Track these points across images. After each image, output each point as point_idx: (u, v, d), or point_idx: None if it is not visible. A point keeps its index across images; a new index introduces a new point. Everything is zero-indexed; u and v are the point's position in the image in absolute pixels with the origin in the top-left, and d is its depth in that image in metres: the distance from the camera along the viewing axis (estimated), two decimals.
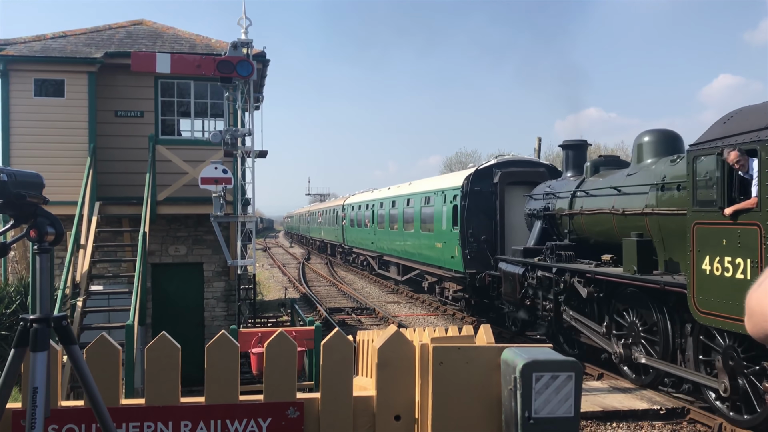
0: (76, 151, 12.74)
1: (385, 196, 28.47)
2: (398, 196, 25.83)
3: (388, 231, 26.90)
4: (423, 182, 24.15)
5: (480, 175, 17.42)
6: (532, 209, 14.95)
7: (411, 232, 23.16)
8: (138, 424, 2.75)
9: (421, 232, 21.57)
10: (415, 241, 22.61)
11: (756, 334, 1.45)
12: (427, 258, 21.00)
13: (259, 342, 8.30)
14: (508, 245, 16.31)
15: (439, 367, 2.76)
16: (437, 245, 19.64)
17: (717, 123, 8.81)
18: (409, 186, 25.21)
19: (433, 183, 21.87)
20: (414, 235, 22.78)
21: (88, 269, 10.97)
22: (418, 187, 23.37)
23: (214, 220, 12.44)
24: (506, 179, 16.93)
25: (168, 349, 2.81)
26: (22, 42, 13.46)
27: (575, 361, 2.63)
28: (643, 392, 10.93)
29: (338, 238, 40.62)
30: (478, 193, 17.12)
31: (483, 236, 16.97)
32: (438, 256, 19.69)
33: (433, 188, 21.00)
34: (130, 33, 15.01)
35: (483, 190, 17.09)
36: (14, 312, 11.02)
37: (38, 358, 2.30)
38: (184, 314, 13.88)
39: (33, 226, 2.33)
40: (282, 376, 2.86)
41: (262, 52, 13.80)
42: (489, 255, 16.84)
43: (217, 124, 14.22)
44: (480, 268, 16.85)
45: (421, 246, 21.67)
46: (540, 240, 14.13)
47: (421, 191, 22.23)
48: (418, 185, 23.78)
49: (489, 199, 16.99)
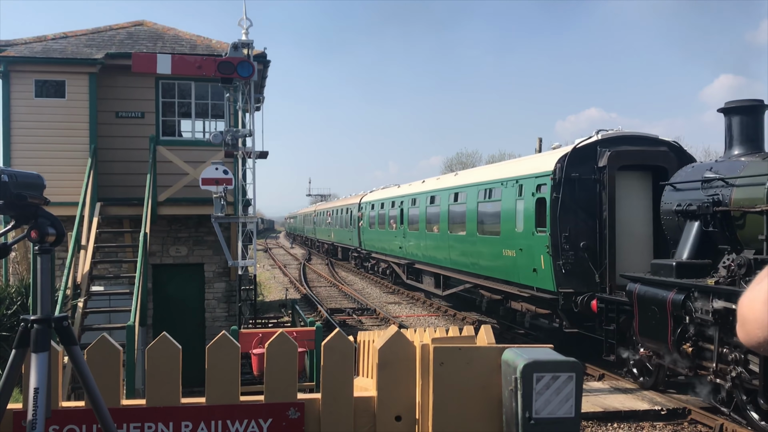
0: (77, 152, 12.74)
1: (420, 190, 23.22)
2: (440, 190, 20.69)
3: (423, 234, 21.87)
4: (479, 171, 19.56)
5: (578, 157, 12.82)
6: (683, 204, 10.64)
7: (461, 236, 18.24)
8: (139, 424, 2.75)
9: (479, 235, 16.76)
10: (467, 248, 17.82)
11: (749, 343, 1.37)
12: (487, 270, 16.33)
13: (260, 343, 8.31)
14: (622, 255, 12.46)
15: (439, 367, 2.76)
16: (507, 253, 14.97)
17: None
18: (456, 177, 20.51)
19: (500, 170, 16.90)
20: (465, 240, 17.85)
21: (89, 270, 10.97)
22: (471, 177, 18.49)
23: (215, 220, 12.45)
24: (618, 161, 12.46)
25: (169, 350, 2.81)
26: (22, 43, 13.47)
27: (576, 362, 2.63)
28: (644, 393, 10.92)
29: (352, 241, 35.95)
30: (576, 181, 12.69)
31: (583, 242, 12.53)
32: (508, 268, 15.03)
33: (499, 177, 16.13)
34: (131, 34, 15.03)
35: (582, 177, 12.69)
36: (15, 313, 11.03)
37: (39, 359, 2.31)
38: (185, 315, 13.88)
39: (34, 226, 2.33)
40: (283, 377, 2.86)
41: (263, 53, 13.81)
42: (592, 268, 12.49)
43: (217, 125, 14.23)
44: (579, 286, 12.51)
45: (477, 254, 16.99)
46: (698, 250, 10.29)
47: (478, 182, 17.36)
48: (472, 175, 19.06)
49: (590, 190, 12.70)
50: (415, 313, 21.19)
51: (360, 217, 33.30)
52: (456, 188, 19.12)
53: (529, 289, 13.92)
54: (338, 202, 46.30)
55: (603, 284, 12.32)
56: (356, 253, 36.26)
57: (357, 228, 34.06)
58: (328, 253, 48.11)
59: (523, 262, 14.10)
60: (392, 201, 26.72)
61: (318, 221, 53.68)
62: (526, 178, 14.23)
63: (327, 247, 49.18)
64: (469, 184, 18.05)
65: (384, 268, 29.69)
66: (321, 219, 51.44)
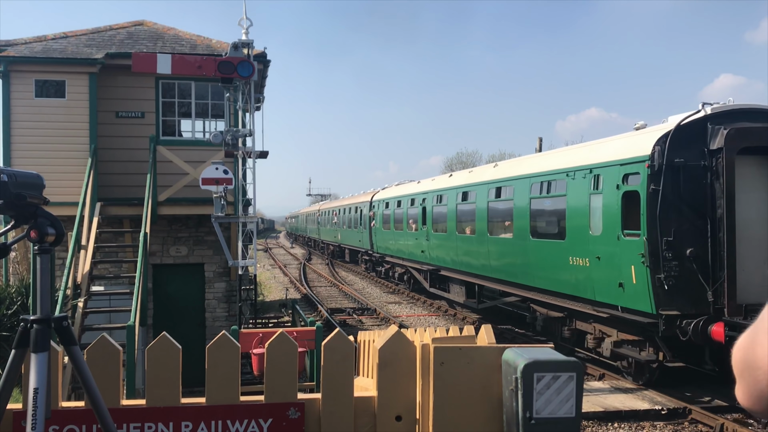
0: (77, 151, 12.74)
1: (447, 186, 19.67)
2: (475, 184, 17.41)
3: (453, 236, 18.73)
4: (530, 160, 15.62)
5: (683, 137, 10.14)
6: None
7: (506, 239, 15.22)
8: (139, 424, 2.75)
9: (532, 239, 13.86)
10: (513, 254, 14.93)
11: (757, 399, 1.05)
12: (544, 281, 13.45)
13: (260, 343, 8.31)
14: (743, 265, 9.82)
15: (440, 367, 2.75)
16: (575, 262, 12.13)
17: None
18: (496, 169, 16.79)
19: (563, 158, 13.55)
20: (512, 244, 14.89)
21: (89, 270, 10.97)
22: (520, 168, 15.15)
23: (215, 220, 12.44)
24: (737, 142, 9.78)
25: (169, 350, 2.81)
26: (23, 43, 13.47)
27: (576, 362, 2.63)
28: (645, 392, 10.92)
29: (363, 243, 32.62)
30: (681, 169, 10.04)
31: (690, 248, 9.89)
32: (577, 281, 12.17)
33: (563, 166, 12.99)
34: (131, 34, 15.02)
35: (689, 164, 10.05)
36: (15, 313, 11.03)
37: (39, 359, 2.30)
38: (185, 315, 13.89)
39: (33, 226, 2.33)
40: (283, 377, 2.86)
41: (263, 53, 13.80)
42: (703, 283, 9.83)
43: (217, 125, 14.23)
44: (686, 306, 9.87)
45: (528, 261, 14.11)
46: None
47: (530, 174, 14.31)
48: (520, 165, 15.45)
49: (699, 180, 10.06)
50: (415, 312, 21.18)
51: (372, 217, 29.83)
52: (498, 182, 15.94)
53: (609, 308, 11.18)
54: (346, 201, 41.87)
55: (718, 304, 9.64)
56: (367, 256, 32.96)
57: (368, 228, 30.75)
58: (334, 256, 45.33)
59: (602, 274, 11.29)
60: (411, 198, 23.23)
61: (322, 221, 49.67)
62: (605, 166, 11.36)
63: (333, 249, 45.95)
64: (517, 176, 14.96)
65: (401, 273, 26.49)
66: (326, 219, 47.66)
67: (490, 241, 16.26)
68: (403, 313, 21.17)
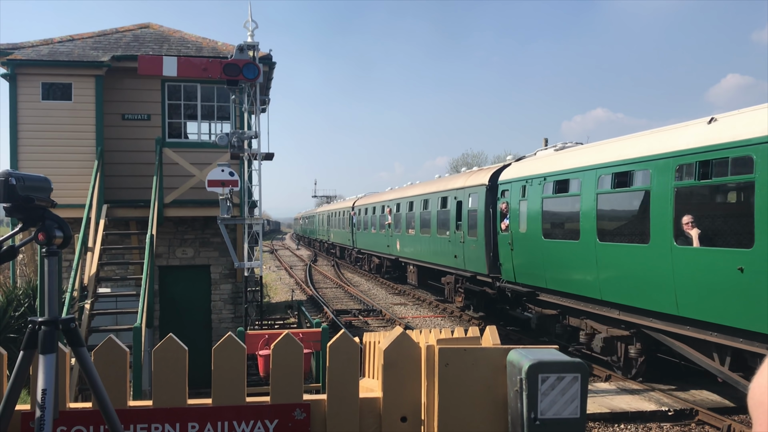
0: (84, 154, 12.80)
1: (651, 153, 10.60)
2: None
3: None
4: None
5: None
6: None
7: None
8: (146, 425, 2.76)
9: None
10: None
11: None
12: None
13: (266, 344, 8.33)
14: None
15: (445, 368, 2.76)
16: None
17: None
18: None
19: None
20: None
21: (95, 272, 11.02)
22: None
23: (221, 222, 12.48)
24: None
25: (175, 351, 2.82)
26: (29, 46, 13.54)
27: (581, 363, 2.63)
28: (651, 393, 10.89)
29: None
30: None
31: None
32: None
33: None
34: (137, 36, 15.08)
35: None
36: (23, 315, 11.07)
37: (46, 360, 2.32)
38: (192, 316, 13.93)
39: (41, 229, 2.35)
40: (288, 378, 2.87)
41: (268, 55, 13.83)
42: None
43: (223, 127, 14.28)
44: None
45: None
46: None
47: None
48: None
49: None
50: (421, 314, 21.17)
51: (505, 213, 16.02)
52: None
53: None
54: (392, 194, 28.74)
55: None
56: (488, 288, 17.13)
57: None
58: (377, 270, 32.19)
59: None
60: (581, 172, 12.53)
61: (361, 222, 35.28)
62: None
63: (376, 263, 32.11)
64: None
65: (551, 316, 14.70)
66: (362, 219, 34.29)
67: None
68: (409, 314, 21.16)
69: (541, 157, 15.05)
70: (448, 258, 19.44)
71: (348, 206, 39.98)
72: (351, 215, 37.96)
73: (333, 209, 47.64)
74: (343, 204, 44.77)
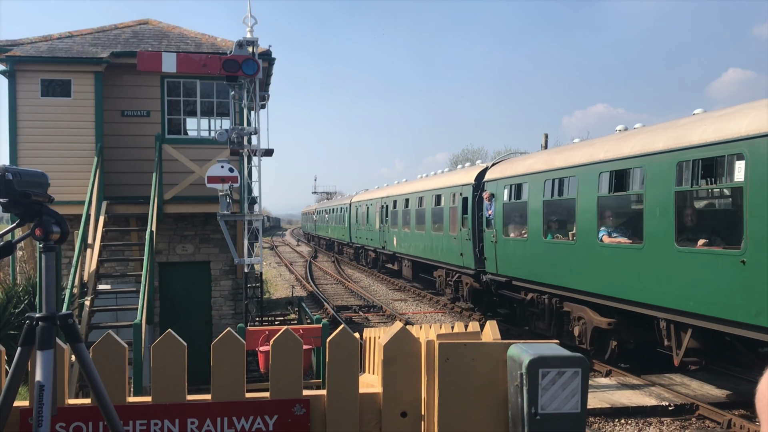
0: (83, 150, 12.79)
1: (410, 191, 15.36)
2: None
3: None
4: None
5: None
6: None
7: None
8: (145, 421, 2.76)
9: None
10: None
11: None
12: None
13: (266, 340, 8.32)
14: None
15: (445, 363, 2.75)
16: None
17: None
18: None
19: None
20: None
21: (95, 268, 11.01)
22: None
23: (221, 218, 12.46)
24: None
25: (174, 347, 2.81)
26: (28, 42, 13.51)
27: (582, 357, 2.62)
28: (652, 388, 10.89)
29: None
30: None
31: None
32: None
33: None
34: (136, 33, 15.05)
35: None
36: (23, 311, 11.06)
37: (44, 356, 2.31)
38: (192, 313, 13.93)
39: (38, 224, 2.34)
40: (288, 374, 2.86)
41: (268, 51, 13.80)
42: None
43: (223, 123, 14.25)
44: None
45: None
46: None
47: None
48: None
49: None
50: (421, 310, 21.18)
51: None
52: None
53: None
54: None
55: None
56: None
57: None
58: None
59: None
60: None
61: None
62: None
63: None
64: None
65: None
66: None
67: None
68: (409, 310, 21.17)
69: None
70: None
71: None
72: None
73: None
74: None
